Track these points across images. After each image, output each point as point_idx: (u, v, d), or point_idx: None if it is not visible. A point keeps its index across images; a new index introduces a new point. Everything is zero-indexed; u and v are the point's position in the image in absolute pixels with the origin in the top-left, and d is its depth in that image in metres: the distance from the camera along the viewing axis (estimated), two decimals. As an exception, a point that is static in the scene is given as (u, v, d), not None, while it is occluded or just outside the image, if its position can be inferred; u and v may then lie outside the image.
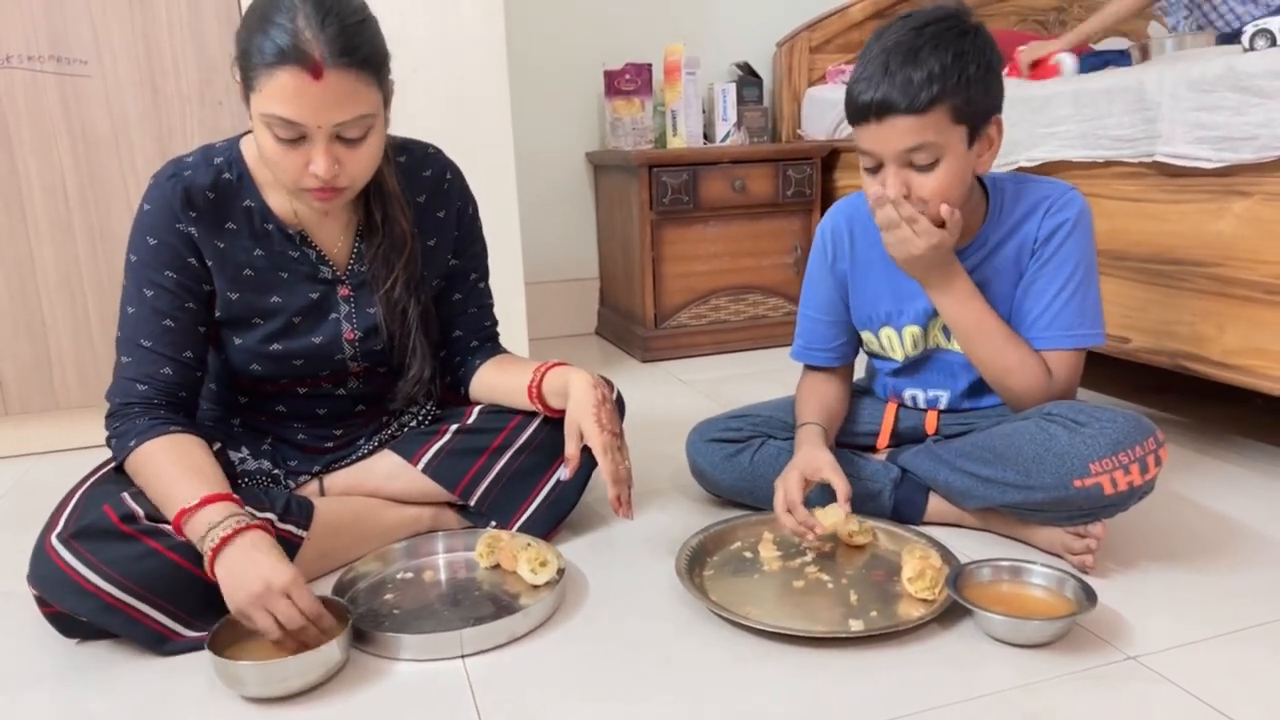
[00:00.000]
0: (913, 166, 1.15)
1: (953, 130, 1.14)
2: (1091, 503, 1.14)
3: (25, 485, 1.72)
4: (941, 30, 1.13)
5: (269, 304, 1.22)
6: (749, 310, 2.61)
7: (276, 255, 1.22)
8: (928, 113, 1.11)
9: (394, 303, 1.26)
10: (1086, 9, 3.07)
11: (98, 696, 1.01)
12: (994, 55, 1.16)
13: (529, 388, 1.30)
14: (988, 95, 1.16)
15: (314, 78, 1.01)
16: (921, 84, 1.10)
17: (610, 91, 2.65)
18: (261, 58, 1.02)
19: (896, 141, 1.14)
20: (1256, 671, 0.98)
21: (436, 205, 1.32)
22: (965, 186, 1.19)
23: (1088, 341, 1.23)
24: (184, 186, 1.16)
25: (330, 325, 1.25)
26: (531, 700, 0.98)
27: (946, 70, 1.11)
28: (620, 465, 1.22)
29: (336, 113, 1.05)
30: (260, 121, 1.06)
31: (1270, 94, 1.36)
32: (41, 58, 1.74)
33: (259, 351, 1.23)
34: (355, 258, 1.27)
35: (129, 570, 1.03)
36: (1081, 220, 1.23)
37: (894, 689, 0.97)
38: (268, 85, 1.02)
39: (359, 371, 1.31)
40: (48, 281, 1.81)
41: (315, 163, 1.06)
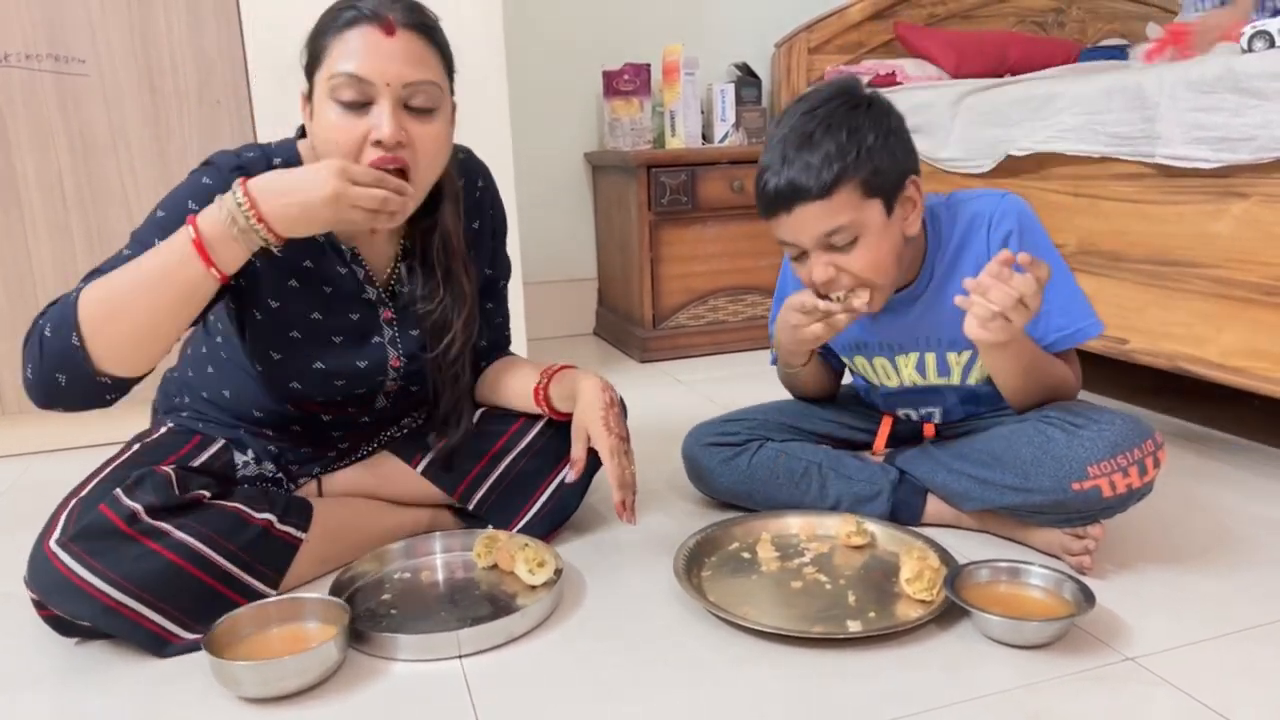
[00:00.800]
0: (834, 249, 1.14)
1: (865, 205, 1.13)
2: (1090, 505, 1.13)
3: (22, 485, 1.72)
4: (832, 110, 1.13)
5: (309, 319, 1.18)
6: (747, 311, 2.61)
7: (324, 269, 1.18)
8: (834, 195, 1.11)
9: (448, 365, 1.24)
10: (1085, 11, 3.07)
11: (96, 697, 1.01)
12: (893, 120, 1.15)
13: (535, 390, 1.29)
14: (894, 161, 1.14)
15: (386, 33, 1.02)
16: (821, 167, 1.10)
17: (609, 92, 2.65)
18: (334, 26, 1.03)
19: (811, 229, 1.13)
20: (1255, 672, 0.98)
21: (471, 218, 1.28)
22: (897, 252, 1.18)
23: (1083, 336, 1.22)
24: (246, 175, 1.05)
25: (375, 350, 1.23)
26: (529, 700, 0.97)
27: (843, 148, 1.10)
28: (626, 470, 1.22)
29: (406, 70, 1.03)
30: (326, 93, 1.03)
31: (1269, 95, 1.36)
32: (39, 56, 1.73)
33: (301, 369, 1.19)
34: (397, 279, 1.23)
35: (128, 572, 1.02)
36: (1024, 222, 1.21)
37: (892, 690, 0.97)
38: (338, 46, 1.03)
39: (393, 390, 1.29)
40: (45, 281, 1.81)
41: (381, 127, 1.02)
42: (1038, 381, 1.21)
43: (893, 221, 1.16)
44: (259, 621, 1.07)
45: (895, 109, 1.18)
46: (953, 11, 2.94)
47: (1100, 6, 3.09)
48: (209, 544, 1.08)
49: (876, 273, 1.16)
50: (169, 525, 1.06)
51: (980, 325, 1.06)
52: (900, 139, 1.16)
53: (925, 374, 1.30)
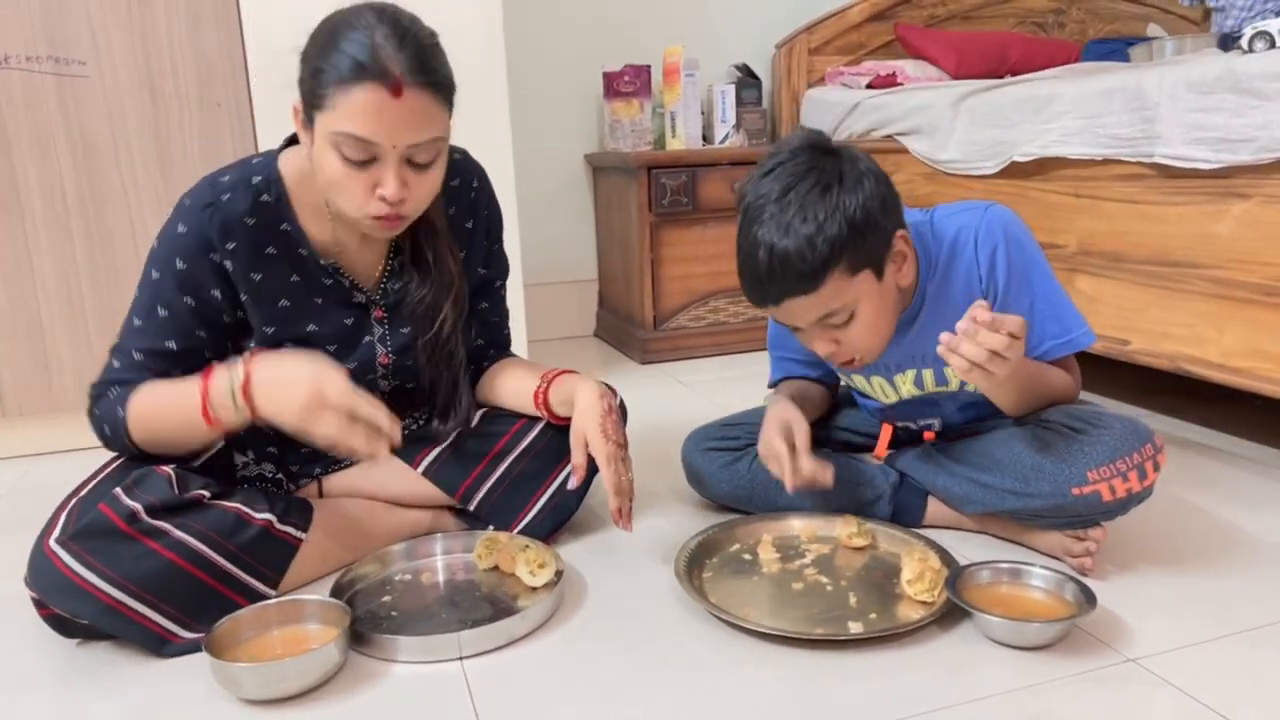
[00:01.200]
0: (832, 327, 1.13)
1: (855, 282, 1.10)
2: (1090, 510, 1.13)
3: (23, 487, 1.72)
4: (806, 192, 1.07)
5: (305, 333, 1.20)
6: (748, 312, 2.60)
7: (311, 282, 1.19)
8: (823, 285, 1.08)
9: (441, 344, 1.24)
10: (1086, 11, 3.07)
11: (97, 699, 1.01)
12: (868, 184, 1.09)
13: (536, 394, 1.30)
14: (877, 229, 1.10)
15: (393, 95, 1.00)
16: (805, 257, 1.06)
17: (609, 93, 2.65)
18: (337, 74, 1.00)
19: (803, 316, 1.13)
20: (1256, 673, 0.98)
21: (465, 216, 1.29)
22: (894, 310, 1.18)
23: (1075, 346, 1.22)
24: (221, 218, 1.11)
25: (364, 349, 1.24)
26: (530, 702, 0.97)
27: (824, 233, 1.05)
28: (623, 477, 1.22)
29: (412, 133, 1.03)
30: (328, 142, 1.03)
31: (1269, 96, 1.36)
32: (40, 58, 1.74)
33: None
34: (387, 276, 1.24)
35: (128, 571, 1.03)
36: (1011, 233, 1.19)
37: (893, 691, 0.96)
38: (343, 102, 1.00)
39: (387, 389, 1.29)
40: (45, 283, 1.81)
41: (385, 185, 1.03)
42: (1035, 394, 1.20)
43: (886, 283, 1.13)
44: (260, 623, 1.07)
45: (869, 166, 1.12)
46: (953, 12, 2.94)
47: (1100, 7, 3.09)
48: (208, 543, 1.08)
49: (876, 338, 1.16)
50: (169, 524, 1.06)
51: (963, 375, 1.06)
52: (879, 200, 1.10)
53: (923, 387, 1.30)
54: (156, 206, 1.84)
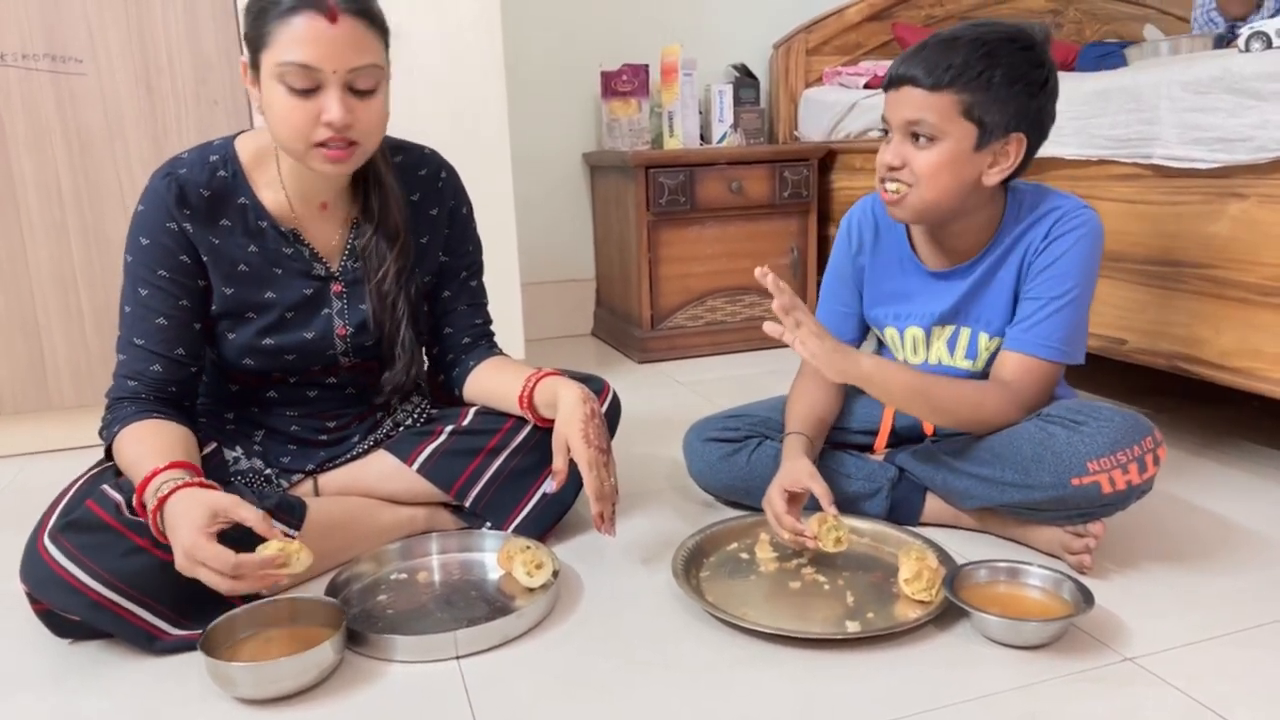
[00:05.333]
0: (914, 140, 1.19)
1: (958, 122, 1.16)
2: (1090, 501, 1.13)
3: (18, 485, 1.71)
4: (990, 33, 1.16)
5: (263, 299, 1.23)
6: (745, 312, 2.60)
7: (270, 252, 1.23)
8: (937, 93, 1.15)
9: (384, 294, 1.27)
10: (1083, 12, 3.07)
11: (91, 698, 1.00)
12: (1038, 81, 1.17)
13: (520, 397, 1.30)
14: (1008, 109, 1.16)
15: (329, 21, 1.06)
16: (940, 66, 1.15)
17: (607, 92, 2.65)
18: (277, 10, 1.06)
19: (903, 111, 1.19)
20: (1254, 673, 0.98)
21: (430, 204, 1.34)
22: (961, 184, 1.19)
23: (1058, 357, 1.22)
24: (179, 184, 1.17)
25: (322, 320, 1.26)
26: (526, 701, 0.97)
27: (969, 64, 1.14)
28: (605, 482, 1.20)
29: (351, 56, 1.08)
30: (273, 76, 1.08)
31: (1266, 96, 1.36)
32: (36, 56, 1.73)
33: (252, 345, 1.24)
34: (348, 254, 1.28)
35: (114, 568, 1.03)
36: (1086, 238, 1.22)
37: (890, 690, 0.96)
38: (283, 34, 1.06)
39: (350, 366, 1.31)
40: (41, 281, 1.80)
41: (329, 109, 1.08)
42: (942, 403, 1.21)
43: (977, 157, 1.18)
44: (255, 622, 1.07)
45: (1053, 79, 1.19)
46: (951, 13, 2.94)
47: (1097, 8, 3.09)
48: None
49: (933, 182, 1.19)
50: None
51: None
52: (1029, 98, 1.17)
53: (954, 352, 1.31)
54: (153, 205, 1.83)
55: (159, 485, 1.04)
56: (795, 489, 1.22)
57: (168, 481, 1.04)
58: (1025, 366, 1.22)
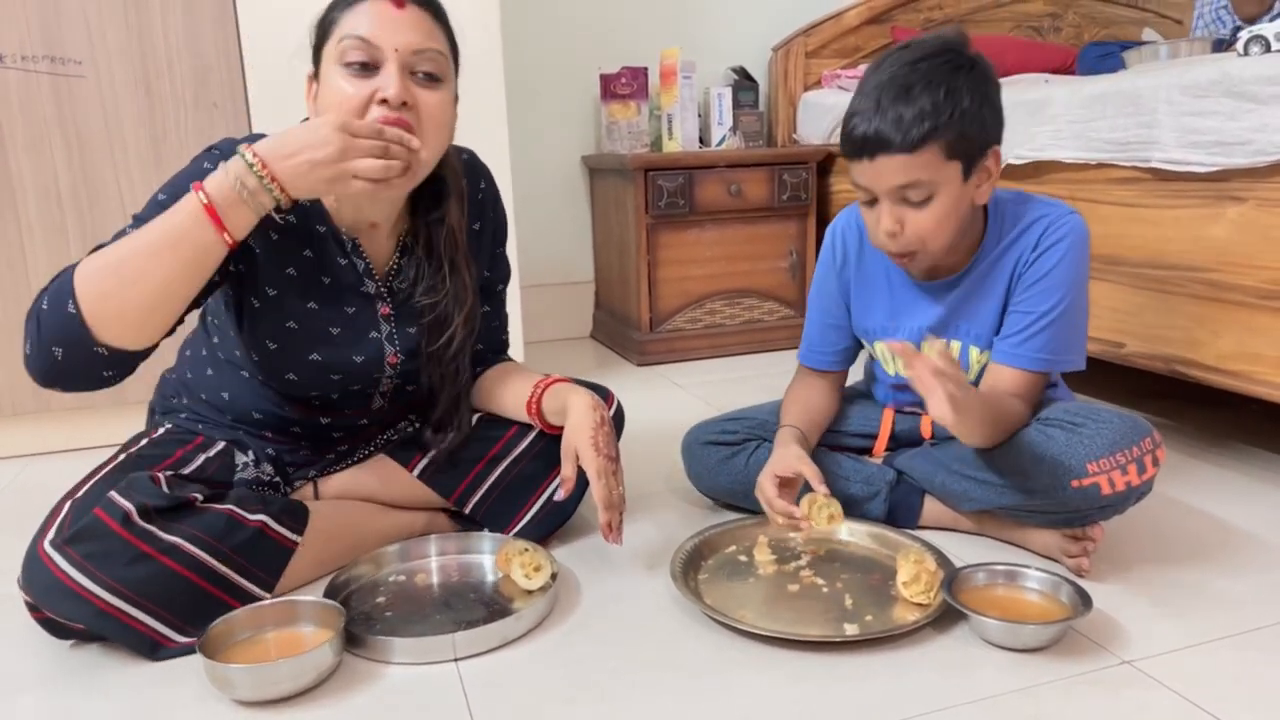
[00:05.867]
0: (907, 202, 1.15)
1: (946, 166, 1.13)
2: (1089, 503, 1.13)
3: (17, 488, 1.71)
4: (936, 65, 1.12)
5: (306, 308, 1.17)
6: (744, 314, 2.61)
7: (324, 259, 1.17)
8: (919, 151, 1.11)
9: (448, 359, 1.24)
10: (1081, 16, 3.08)
11: (90, 700, 1.00)
12: (991, 88, 1.15)
13: (528, 403, 1.29)
14: (983, 129, 1.15)
15: (396, 6, 1.05)
16: (912, 122, 1.10)
17: (606, 95, 2.65)
18: (344, 2, 1.06)
19: (889, 179, 1.14)
20: (1252, 676, 0.98)
21: (472, 219, 1.27)
22: (961, 219, 1.18)
23: (1053, 367, 1.23)
24: None
25: (373, 345, 1.22)
26: (525, 704, 0.97)
27: (938, 107, 1.10)
28: (614, 491, 1.19)
29: (413, 37, 1.06)
30: (334, 57, 1.05)
31: (1264, 99, 1.37)
32: (36, 58, 1.73)
33: (299, 360, 1.18)
34: (394, 273, 1.22)
35: (121, 576, 1.02)
36: (1075, 246, 1.21)
37: (889, 693, 0.96)
38: (348, 18, 1.05)
39: (389, 389, 1.28)
40: (40, 282, 1.79)
41: (388, 87, 1.03)
42: (996, 426, 1.18)
43: (966, 187, 1.17)
44: (254, 624, 1.07)
45: (995, 77, 1.17)
46: (949, 16, 2.95)
47: (1096, 12, 3.10)
48: (203, 547, 1.07)
49: (938, 234, 1.17)
50: (163, 528, 1.06)
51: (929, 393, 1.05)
52: (993, 107, 1.16)
53: None
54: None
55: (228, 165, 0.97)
56: (786, 474, 1.22)
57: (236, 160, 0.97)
58: (1024, 380, 1.22)
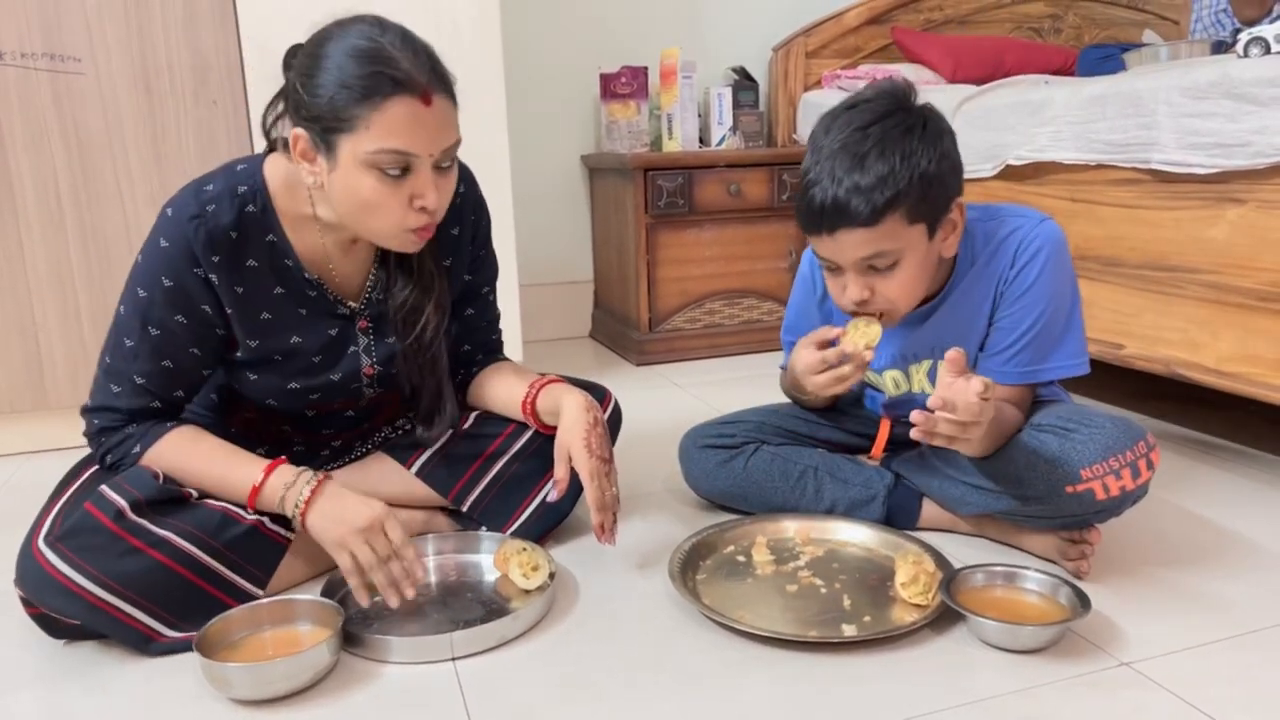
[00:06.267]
0: (873, 270, 1.13)
1: (910, 231, 1.10)
2: (1085, 508, 1.13)
3: (14, 485, 1.71)
4: (888, 129, 1.08)
5: (289, 344, 1.18)
6: (743, 314, 2.60)
7: (295, 293, 1.17)
8: (881, 222, 1.08)
9: (423, 349, 1.23)
10: (1082, 17, 3.08)
11: (85, 698, 1.00)
12: (945, 142, 1.11)
13: (523, 403, 1.29)
14: (943, 187, 1.11)
15: (425, 104, 1.01)
16: (871, 193, 1.06)
17: (606, 94, 2.65)
18: (364, 92, 0.99)
19: (852, 252, 1.11)
20: (1250, 678, 0.98)
21: (451, 222, 1.26)
22: (931, 273, 1.17)
23: (1041, 377, 1.21)
24: (207, 230, 1.08)
25: (349, 360, 1.22)
26: (522, 703, 0.97)
27: (895, 174, 1.06)
28: (606, 492, 1.19)
29: (443, 138, 1.04)
30: (363, 163, 1.01)
31: (1264, 101, 1.37)
32: (35, 55, 1.73)
33: (279, 388, 1.20)
34: (372, 287, 1.23)
35: (113, 570, 1.02)
36: (1053, 256, 1.18)
37: (887, 694, 0.96)
38: (378, 120, 0.99)
39: (373, 398, 1.29)
40: (39, 280, 1.80)
41: (427, 196, 1.04)
42: (998, 441, 1.18)
43: (933, 244, 1.14)
44: (251, 623, 1.07)
45: (948, 127, 1.14)
46: (949, 17, 2.95)
47: (1096, 13, 3.10)
48: (195, 542, 1.08)
49: (907, 295, 1.15)
50: (155, 523, 1.06)
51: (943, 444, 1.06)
52: (951, 161, 1.12)
53: (935, 383, 1.29)
54: (151, 205, 1.83)
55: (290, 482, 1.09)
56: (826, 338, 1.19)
57: (303, 477, 1.10)
58: (1015, 392, 1.22)
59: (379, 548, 1.07)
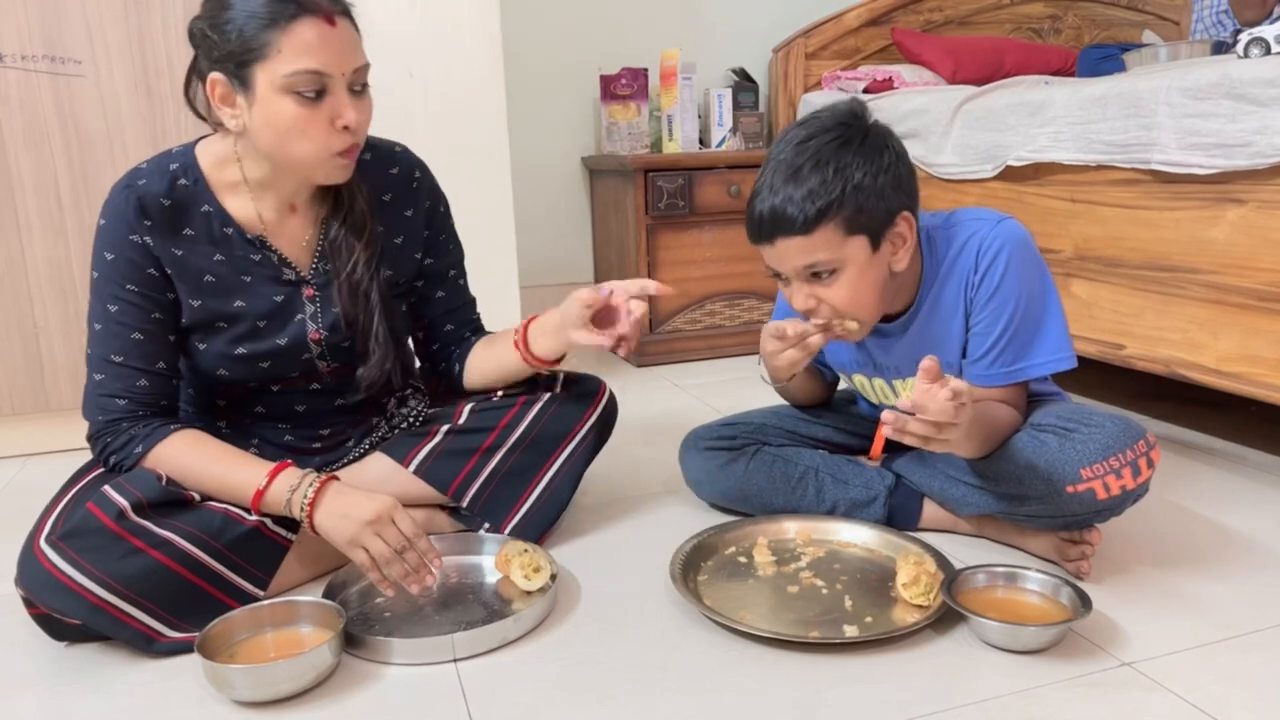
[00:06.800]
0: (816, 279, 1.15)
1: (848, 243, 1.12)
2: (1085, 508, 1.13)
3: (15, 487, 1.71)
4: (824, 143, 1.11)
5: (232, 309, 1.20)
6: (744, 315, 2.61)
7: (238, 260, 1.20)
8: (814, 231, 1.11)
9: (355, 284, 1.24)
10: (1081, 18, 3.08)
11: (87, 700, 1.00)
12: (887, 158, 1.12)
13: (515, 343, 1.30)
14: (881, 200, 1.11)
15: (330, 24, 1.07)
16: (802, 203, 1.10)
17: (606, 96, 2.65)
18: (270, 19, 1.05)
19: (790, 260, 1.14)
20: (1251, 678, 0.98)
21: (404, 204, 1.31)
22: (880, 286, 1.17)
23: (1026, 375, 1.21)
24: (138, 196, 1.14)
25: (295, 326, 1.24)
26: (524, 705, 0.97)
27: (827, 186, 1.09)
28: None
29: (353, 57, 1.10)
30: (279, 89, 1.07)
31: (1264, 101, 1.37)
32: (35, 57, 1.73)
33: (225, 354, 1.22)
34: (319, 256, 1.25)
35: (114, 570, 1.03)
36: (1016, 253, 1.18)
37: (888, 695, 0.96)
38: (287, 43, 1.05)
39: (329, 371, 1.29)
40: (39, 282, 1.80)
41: (346, 114, 1.09)
42: (988, 440, 1.18)
43: (878, 257, 1.15)
44: (253, 625, 1.07)
45: (894, 143, 1.15)
46: (949, 18, 2.95)
47: (1096, 14, 3.10)
48: (197, 543, 1.08)
49: (856, 306, 1.16)
50: (157, 524, 1.06)
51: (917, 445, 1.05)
52: (893, 176, 1.13)
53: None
54: (152, 206, 1.83)
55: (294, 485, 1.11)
56: None
57: (307, 479, 1.11)
58: (1004, 393, 1.21)
59: (390, 539, 1.09)
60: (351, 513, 1.08)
